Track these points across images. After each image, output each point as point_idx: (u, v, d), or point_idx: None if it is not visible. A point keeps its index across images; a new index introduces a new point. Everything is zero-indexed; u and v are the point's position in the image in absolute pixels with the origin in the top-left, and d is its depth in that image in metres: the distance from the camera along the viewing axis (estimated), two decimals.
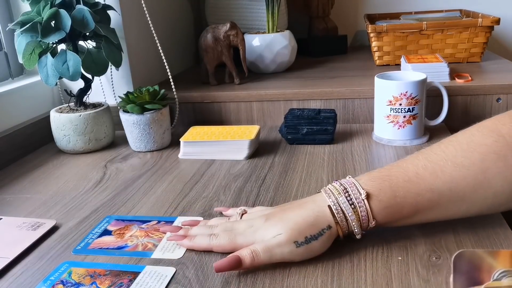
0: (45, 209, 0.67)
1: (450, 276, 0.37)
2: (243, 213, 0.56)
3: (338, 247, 0.50)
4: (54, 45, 0.85)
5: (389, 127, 0.83)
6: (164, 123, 0.88)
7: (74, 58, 0.81)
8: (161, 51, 0.95)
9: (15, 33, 0.82)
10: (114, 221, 0.61)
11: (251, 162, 0.79)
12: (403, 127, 0.82)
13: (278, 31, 1.16)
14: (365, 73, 1.08)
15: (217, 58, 1.05)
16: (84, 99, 0.92)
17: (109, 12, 0.89)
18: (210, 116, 1.02)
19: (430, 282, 0.45)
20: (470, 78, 0.94)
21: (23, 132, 0.91)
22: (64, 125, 0.87)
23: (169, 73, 0.97)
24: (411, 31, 1.11)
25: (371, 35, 1.14)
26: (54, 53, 0.83)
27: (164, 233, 0.57)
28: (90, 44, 0.88)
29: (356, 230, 0.49)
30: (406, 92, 0.80)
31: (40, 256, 0.54)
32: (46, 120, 0.93)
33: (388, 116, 0.82)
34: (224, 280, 0.47)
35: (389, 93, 0.81)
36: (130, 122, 0.86)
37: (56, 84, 0.85)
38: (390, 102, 0.81)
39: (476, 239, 0.51)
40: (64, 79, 0.97)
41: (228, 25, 1.03)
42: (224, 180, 0.72)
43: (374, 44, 1.14)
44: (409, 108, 0.81)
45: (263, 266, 0.49)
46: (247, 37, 1.13)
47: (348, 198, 0.49)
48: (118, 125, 0.92)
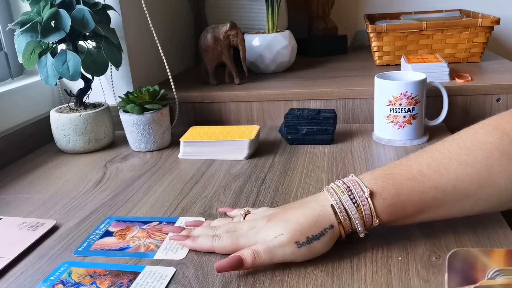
0: (45, 209, 0.67)
1: (445, 275, 0.37)
2: (247, 214, 0.56)
3: (338, 247, 0.50)
4: (54, 45, 0.85)
5: (389, 127, 0.83)
6: (164, 123, 0.88)
7: (74, 58, 0.81)
8: (161, 51, 0.95)
9: (15, 33, 0.82)
10: (115, 222, 0.61)
11: (251, 162, 0.79)
12: (403, 127, 0.82)
13: (278, 31, 1.16)
14: (365, 73, 1.08)
15: (217, 58, 1.05)
16: (84, 99, 0.92)
17: (109, 12, 0.89)
18: (210, 116, 1.02)
19: (430, 282, 0.45)
20: (470, 78, 0.94)
21: (23, 132, 0.91)
22: (64, 125, 0.87)
23: (169, 73, 0.97)
24: (411, 31, 1.11)
25: (371, 35, 1.14)
26: (54, 53, 0.83)
27: (167, 234, 0.57)
28: (90, 44, 0.88)
29: (360, 229, 0.49)
30: (406, 92, 0.80)
31: (40, 256, 0.54)
32: (46, 120, 0.93)
33: (388, 116, 0.82)
34: (224, 280, 0.47)
35: (389, 93, 0.81)
36: (130, 122, 0.86)
37: (56, 84, 0.85)
38: (390, 102, 0.81)
39: (476, 239, 0.51)
40: (64, 79, 0.97)
41: (228, 25, 1.03)
42: (224, 180, 0.72)
43: (374, 44, 1.14)
44: (409, 108, 0.81)
45: (263, 266, 0.49)
46: (247, 37, 1.13)
47: (351, 197, 0.49)
48: (118, 125, 0.92)
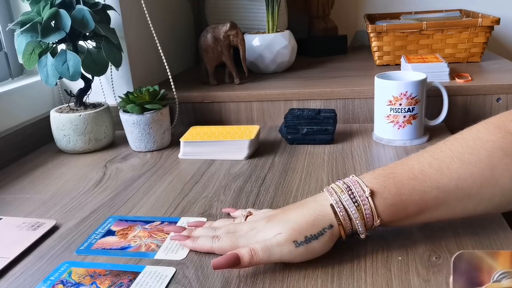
0: (45, 209, 0.67)
1: (450, 277, 0.37)
2: (248, 215, 0.55)
3: (338, 247, 0.50)
4: (54, 45, 0.85)
5: (389, 127, 0.83)
6: (164, 123, 0.88)
7: (74, 58, 0.81)
8: (161, 51, 0.95)
9: (15, 33, 0.82)
10: (117, 221, 0.61)
11: (251, 162, 0.79)
12: (403, 127, 0.82)
13: (278, 31, 1.16)
14: (365, 73, 1.08)
15: (217, 58, 1.05)
16: (84, 99, 0.92)
17: (109, 12, 0.89)
18: (210, 116, 1.02)
19: (430, 282, 0.45)
20: (470, 78, 0.94)
21: (23, 132, 0.91)
22: (64, 125, 0.87)
23: (169, 73, 0.97)
24: (411, 31, 1.11)
25: (371, 35, 1.14)
26: (54, 53, 0.83)
27: (168, 234, 0.57)
28: (90, 44, 0.88)
29: (360, 229, 0.48)
30: (406, 92, 0.80)
31: (40, 256, 0.54)
32: (46, 120, 0.93)
33: (388, 116, 0.82)
34: (224, 280, 0.47)
35: (389, 93, 0.81)
36: (130, 122, 0.86)
37: (56, 84, 0.85)
38: (390, 102, 0.81)
39: (476, 239, 0.51)
40: (64, 79, 0.97)
41: (228, 25, 1.03)
42: (224, 180, 0.72)
43: (374, 44, 1.14)
44: (409, 108, 0.81)
45: (263, 267, 0.49)
46: (247, 37, 1.13)
47: (352, 196, 0.48)
48: (118, 125, 0.92)
